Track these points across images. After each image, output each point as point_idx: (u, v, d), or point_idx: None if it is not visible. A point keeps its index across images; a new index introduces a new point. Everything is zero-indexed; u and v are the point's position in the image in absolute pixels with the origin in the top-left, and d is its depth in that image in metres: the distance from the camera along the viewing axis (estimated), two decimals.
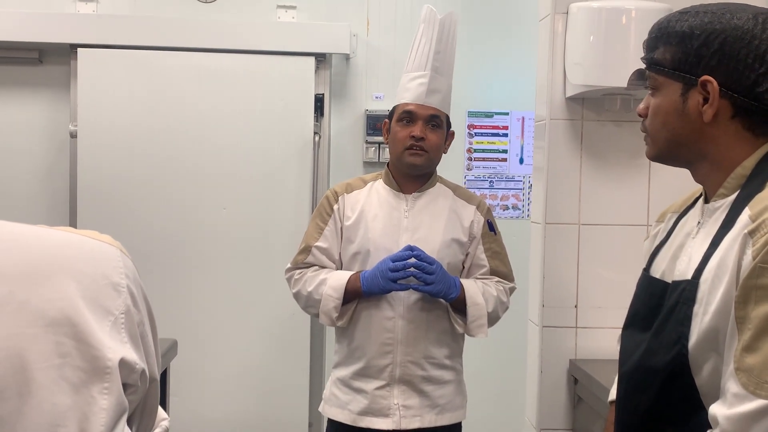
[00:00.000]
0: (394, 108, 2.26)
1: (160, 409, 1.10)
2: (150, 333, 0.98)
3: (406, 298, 2.16)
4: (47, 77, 3.44)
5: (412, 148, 2.18)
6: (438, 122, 2.20)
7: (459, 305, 2.17)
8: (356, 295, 2.15)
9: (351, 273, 2.18)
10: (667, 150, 1.29)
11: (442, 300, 2.17)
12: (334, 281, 2.16)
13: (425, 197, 2.25)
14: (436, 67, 2.20)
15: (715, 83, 1.19)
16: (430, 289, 2.09)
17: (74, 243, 0.92)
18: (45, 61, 3.45)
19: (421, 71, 2.20)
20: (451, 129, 2.29)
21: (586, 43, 2.21)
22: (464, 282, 2.19)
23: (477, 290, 2.18)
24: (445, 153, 2.29)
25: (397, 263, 2.08)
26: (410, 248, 2.11)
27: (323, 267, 2.24)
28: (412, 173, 2.24)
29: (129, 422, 0.96)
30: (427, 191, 2.26)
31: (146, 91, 3.33)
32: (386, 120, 2.29)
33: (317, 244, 2.24)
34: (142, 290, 0.97)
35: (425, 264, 2.08)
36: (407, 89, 2.22)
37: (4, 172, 3.42)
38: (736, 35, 1.18)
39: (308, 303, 2.22)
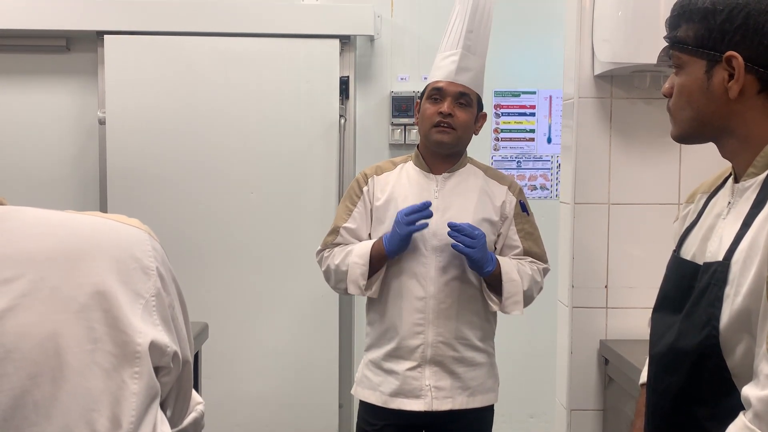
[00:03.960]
0: (426, 87, 2.24)
1: (194, 393, 1.11)
2: (180, 315, 0.99)
3: (437, 278, 2.15)
4: (74, 65, 3.47)
5: (439, 125, 2.16)
6: (467, 100, 2.18)
7: (494, 281, 2.15)
8: (383, 260, 2.15)
9: (375, 240, 2.18)
10: (692, 129, 1.27)
11: (474, 281, 2.16)
12: (359, 249, 2.17)
13: (455, 177, 2.23)
14: (468, 45, 2.18)
15: (740, 58, 1.16)
16: (470, 252, 2.06)
17: (103, 227, 0.93)
18: (72, 49, 3.47)
19: (452, 50, 2.19)
20: (483, 111, 2.27)
21: (615, 19, 2.17)
22: (500, 258, 2.17)
23: (512, 266, 2.17)
24: (476, 134, 2.27)
25: (412, 207, 2.09)
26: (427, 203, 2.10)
27: None
28: (440, 151, 2.21)
29: (164, 406, 0.97)
30: (458, 172, 2.24)
31: (173, 76, 3.34)
32: (418, 100, 2.28)
33: (345, 225, 2.24)
34: (171, 273, 0.98)
35: (467, 227, 2.07)
36: (438, 68, 2.21)
37: (35, 160, 3.47)
38: (760, 8, 1.15)
39: (337, 277, 2.22)
